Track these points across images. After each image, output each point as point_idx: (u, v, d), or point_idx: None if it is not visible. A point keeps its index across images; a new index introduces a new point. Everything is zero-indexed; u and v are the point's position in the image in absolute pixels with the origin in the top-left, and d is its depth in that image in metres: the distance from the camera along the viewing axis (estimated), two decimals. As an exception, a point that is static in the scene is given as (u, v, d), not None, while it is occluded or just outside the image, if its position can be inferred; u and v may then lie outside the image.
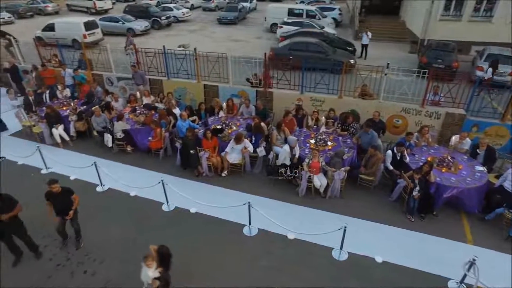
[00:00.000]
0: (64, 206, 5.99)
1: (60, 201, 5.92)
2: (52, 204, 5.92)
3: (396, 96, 9.41)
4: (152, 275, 4.71)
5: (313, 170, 7.30)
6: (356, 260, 6.08)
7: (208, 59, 10.60)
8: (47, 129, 9.60)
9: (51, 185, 5.72)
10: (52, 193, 5.80)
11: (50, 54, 13.15)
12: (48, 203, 5.92)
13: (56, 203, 5.92)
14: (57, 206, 5.94)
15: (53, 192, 5.78)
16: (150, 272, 4.71)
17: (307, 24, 19.72)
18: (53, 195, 5.81)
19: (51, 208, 5.95)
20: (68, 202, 5.99)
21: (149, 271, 4.71)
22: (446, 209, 7.14)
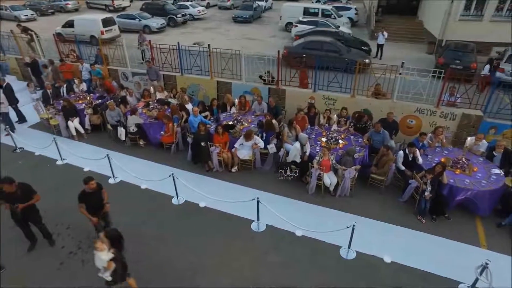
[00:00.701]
0: (98, 203, 5.78)
1: (94, 199, 5.69)
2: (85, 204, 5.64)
3: (410, 96, 9.25)
4: (105, 257, 4.66)
5: (323, 168, 7.25)
6: (364, 259, 6.01)
7: (222, 56, 10.65)
8: (63, 122, 9.83)
9: (89, 182, 5.52)
10: (86, 193, 5.58)
11: (68, 49, 13.49)
12: (81, 206, 5.61)
13: (89, 202, 5.64)
14: (91, 204, 5.66)
15: (87, 192, 5.58)
16: (103, 255, 4.65)
17: (322, 23, 19.62)
18: (87, 194, 5.59)
19: (85, 210, 5.63)
20: (101, 197, 5.81)
21: (101, 254, 4.64)
22: (459, 212, 6.98)
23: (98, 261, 4.73)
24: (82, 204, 5.62)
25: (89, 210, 5.64)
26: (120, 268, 4.83)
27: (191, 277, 5.71)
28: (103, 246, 4.65)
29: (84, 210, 5.62)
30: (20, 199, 5.57)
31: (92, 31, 18.68)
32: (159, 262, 5.97)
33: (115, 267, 4.73)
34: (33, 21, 26.09)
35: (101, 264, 4.74)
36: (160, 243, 6.36)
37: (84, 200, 5.61)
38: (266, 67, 10.57)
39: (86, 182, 5.52)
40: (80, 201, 5.61)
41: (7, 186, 5.42)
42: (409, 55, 16.29)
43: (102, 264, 4.71)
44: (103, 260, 4.67)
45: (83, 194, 5.62)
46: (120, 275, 4.90)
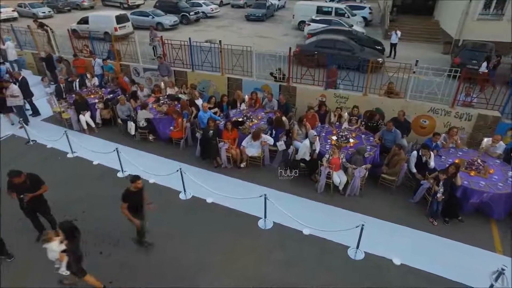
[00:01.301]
0: (140, 203, 5.61)
1: (137, 199, 5.48)
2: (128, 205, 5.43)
3: (424, 96, 9.01)
4: (57, 248, 4.60)
5: (333, 167, 7.12)
6: (373, 260, 5.86)
7: (233, 52, 10.59)
8: (75, 115, 9.94)
9: (136, 181, 5.33)
10: (130, 192, 5.37)
11: (81, 44, 13.66)
12: (124, 206, 5.39)
13: (132, 202, 5.43)
14: (133, 204, 5.46)
15: (131, 191, 5.38)
16: (55, 246, 4.59)
17: (335, 22, 19.39)
18: (131, 193, 5.39)
19: (127, 210, 5.42)
20: (143, 197, 5.65)
21: (53, 245, 4.58)
22: (473, 215, 6.75)
23: (50, 253, 4.67)
24: (125, 203, 5.39)
25: (130, 210, 5.44)
26: (75, 261, 4.76)
27: (195, 274, 5.66)
28: (53, 238, 4.58)
29: (126, 211, 5.41)
30: (29, 189, 5.62)
31: (106, 28, 18.87)
32: (165, 257, 5.95)
33: (69, 260, 4.66)
34: (50, 18, 26.56)
35: (53, 257, 4.67)
36: (166, 238, 6.34)
37: (128, 200, 5.39)
38: (277, 64, 10.47)
39: (132, 181, 5.34)
40: (123, 200, 5.39)
41: (16, 179, 5.48)
42: (424, 55, 15.92)
43: (54, 256, 4.65)
44: (54, 252, 4.61)
45: (128, 193, 5.38)
46: (76, 268, 4.84)
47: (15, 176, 5.46)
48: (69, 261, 4.71)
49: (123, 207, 5.40)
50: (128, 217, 5.46)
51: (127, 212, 5.42)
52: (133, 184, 5.35)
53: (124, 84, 11.33)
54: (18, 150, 9.27)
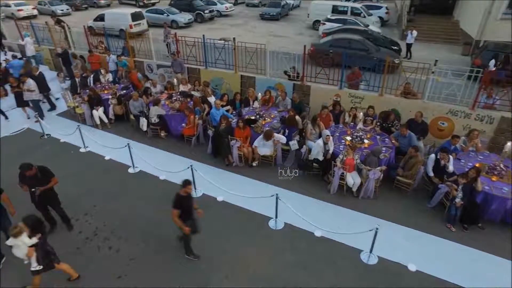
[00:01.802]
0: (190, 209, 5.39)
1: (187, 204, 5.26)
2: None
3: (442, 97, 8.71)
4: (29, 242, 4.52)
5: (347, 167, 6.94)
6: (387, 266, 5.66)
7: (247, 50, 10.48)
8: (88, 110, 10.00)
9: (187, 186, 5.09)
10: (181, 197, 5.13)
11: (97, 41, 13.79)
12: (176, 214, 5.10)
13: (183, 207, 5.17)
14: (184, 210, 5.21)
15: (182, 196, 5.14)
16: (26, 240, 4.51)
17: (350, 22, 19.08)
18: (182, 198, 5.14)
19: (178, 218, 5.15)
20: (192, 202, 5.43)
21: (18, 240, 4.48)
22: (495, 222, 6.44)
23: (16, 250, 4.59)
24: (176, 210, 5.09)
25: (180, 217, 5.18)
26: (44, 255, 4.70)
27: (205, 271, 5.59)
28: (20, 232, 4.49)
29: (178, 219, 5.13)
30: (40, 182, 5.65)
31: (121, 25, 19.04)
32: (175, 255, 5.88)
33: (37, 255, 4.60)
34: (68, 16, 27.00)
35: (21, 253, 4.61)
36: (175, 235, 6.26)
37: (179, 206, 5.11)
38: (291, 63, 10.32)
39: (184, 185, 5.09)
40: (175, 207, 5.09)
41: (28, 172, 5.51)
42: (442, 56, 15.47)
43: (23, 252, 4.58)
44: (22, 247, 4.54)
45: (179, 199, 5.12)
46: (44, 262, 4.77)
47: (26, 169, 5.49)
48: (38, 256, 4.65)
49: (175, 215, 5.10)
50: (179, 224, 5.20)
51: (178, 221, 5.15)
52: (184, 188, 5.10)
53: (136, 81, 11.31)
54: (33, 143, 9.39)
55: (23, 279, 5.29)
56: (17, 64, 12.45)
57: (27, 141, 9.52)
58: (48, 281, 5.27)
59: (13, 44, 16.28)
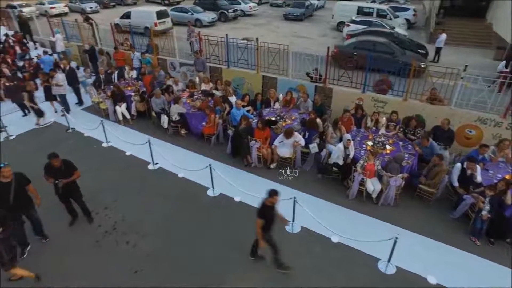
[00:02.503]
0: (274, 219, 5.12)
1: (272, 214, 5.02)
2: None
3: (471, 104, 8.37)
4: None
5: (367, 173, 6.78)
6: (405, 276, 5.49)
7: (270, 51, 10.43)
8: (112, 106, 10.23)
9: (273, 196, 4.82)
10: (267, 207, 4.91)
11: (123, 38, 14.11)
12: (260, 225, 4.89)
13: (268, 218, 4.96)
14: (269, 220, 4.99)
15: (268, 206, 4.91)
16: None
17: (376, 24, 18.70)
18: (268, 208, 4.93)
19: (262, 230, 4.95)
20: (276, 213, 5.14)
21: None
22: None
23: None
24: (261, 220, 4.86)
25: (265, 227, 4.98)
26: (6, 250, 4.69)
27: (220, 270, 5.60)
28: None
29: (260, 229, 4.93)
30: (64, 174, 5.82)
31: (146, 23, 19.39)
32: (190, 253, 5.92)
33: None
34: (96, 13, 27.80)
35: None
36: (192, 232, 6.33)
37: (264, 216, 4.89)
38: (314, 65, 10.19)
39: (270, 195, 4.80)
40: (260, 217, 4.87)
41: (55, 161, 5.67)
42: (473, 61, 14.81)
43: None
44: None
45: (265, 209, 4.88)
46: (6, 259, 4.75)
47: (54, 158, 5.67)
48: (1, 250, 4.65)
49: (259, 225, 4.89)
50: (260, 236, 5.05)
51: (262, 234, 4.97)
52: (270, 198, 4.83)
53: (147, 84, 10.86)
54: (58, 136, 9.71)
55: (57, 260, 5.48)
56: (47, 59, 12.93)
57: (53, 134, 9.85)
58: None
59: (45, 40, 16.91)
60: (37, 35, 17.58)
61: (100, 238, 6.22)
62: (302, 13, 25.26)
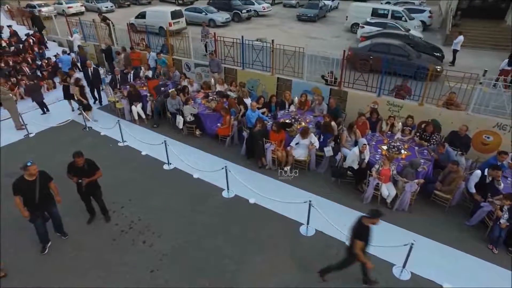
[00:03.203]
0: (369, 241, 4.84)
1: (369, 236, 4.77)
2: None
3: (489, 109, 8.25)
4: None
5: (382, 178, 6.76)
6: (420, 283, 5.47)
7: (285, 53, 10.45)
8: (127, 106, 10.39)
9: (376, 218, 4.57)
10: (367, 228, 4.66)
11: (139, 38, 14.30)
12: (360, 245, 4.64)
13: (366, 239, 4.71)
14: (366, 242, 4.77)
15: (366, 226, 4.64)
16: None
17: (391, 26, 18.52)
18: (367, 230, 4.68)
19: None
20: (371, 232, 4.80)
21: None
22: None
23: None
24: (362, 242, 4.64)
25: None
26: None
27: (235, 272, 5.66)
28: None
29: (360, 251, 4.72)
30: (87, 174, 5.96)
31: (161, 23, 19.60)
32: (205, 254, 6.01)
33: None
34: (111, 12, 28.20)
35: None
36: (207, 234, 6.41)
37: (362, 236, 4.67)
38: (329, 67, 10.17)
39: (373, 216, 4.56)
40: (359, 238, 4.65)
41: (79, 159, 5.83)
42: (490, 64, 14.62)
43: None
44: None
45: (364, 230, 4.66)
46: None
47: (79, 156, 5.82)
48: None
49: (359, 247, 4.65)
50: (361, 258, 4.82)
51: (361, 253, 4.72)
52: (372, 219, 4.57)
53: (151, 89, 10.51)
54: (75, 135, 9.91)
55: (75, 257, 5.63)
56: (66, 59, 13.20)
57: (70, 132, 10.04)
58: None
59: (63, 40, 17.25)
60: (56, 35, 17.93)
61: (117, 236, 6.35)
62: (316, 14, 25.17)
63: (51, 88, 12.87)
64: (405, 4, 25.50)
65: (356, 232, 4.68)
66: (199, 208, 7.06)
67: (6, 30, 17.09)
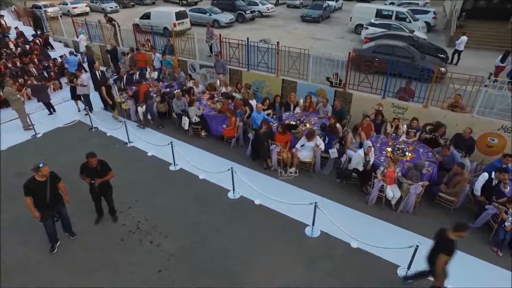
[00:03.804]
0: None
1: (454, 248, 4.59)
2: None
3: (494, 112, 8.28)
4: None
5: (387, 180, 6.81)
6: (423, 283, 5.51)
7: (290, 54, 10.52)
8: (133, 106, 10.48)
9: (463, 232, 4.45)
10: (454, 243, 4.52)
11: (144, 39, 14.41)
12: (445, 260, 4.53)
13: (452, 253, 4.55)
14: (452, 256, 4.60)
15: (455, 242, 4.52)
16: None
17: (395, 27, 18.52)
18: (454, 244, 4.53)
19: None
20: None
21: None
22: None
23: None
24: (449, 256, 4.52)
25: None
26: None
27: (240, 274, 5.73)
28: None
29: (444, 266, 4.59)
30: (99, 174, 6.07)
31: (165, 23, 19.72)
32: (211, 254, 6.08)
33: None
34: (116, 13, 28.36)
35: None
36: (214, 234, 6.49)
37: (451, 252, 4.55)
38: (334, 69, 10.23)
39: (460, 230, 4.45)
40: (446, 253, 4.52)
41: (92, 160, 5.94)
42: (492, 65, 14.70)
43: None
44: None
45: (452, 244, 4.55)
46: None
47: (92, 157, 5.94)
48: None
49: (444, 262, 4.56)
50: (440, 273, 4.70)
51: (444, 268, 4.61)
52: (459, 232, 4.48)
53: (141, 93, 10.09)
54: (82, 135, 10.03)
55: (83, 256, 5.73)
56: (72, 60, 13.32)
57: (77, 133, 10.15)
58: (96, 268, 5.65)
59: (69, 41, 17.40)
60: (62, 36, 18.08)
61: (124, 236, 6.44)
62: (320, 15, 25.19)
63: (57, 89, 13.00)
64: (409, 5, 25.48)
65: (442, 247, 4.62)
66: (205, 209, 7.13)
67: (13, 31, 17.27)
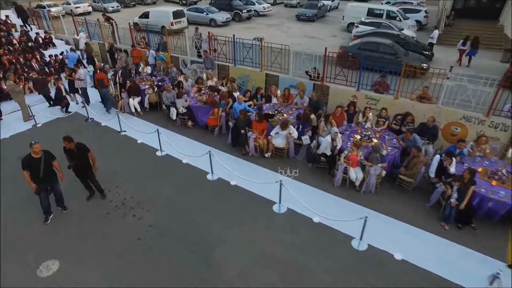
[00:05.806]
0: None
1: None
2: None
3: (457, 102, 8.89)
4: None
5: (350, 163, 7.46)
6: (375, 253, 6.15)
7: (272, 50, 11.20)
8: (127, 99, 11.23)
9: None
10: None
11: (140, 37, 15.19)
12: None
13: None
14: None
15: None
16: None
17: (385, 25, 19.10)
18: None
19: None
20: None
21: None
22: (491, 225, 6.69)
23: None
24: None
25: None
26: None
27: (214, 245, 6.37)
28: None
29: None
30: (77, 155, 6.80)
31: (163, 22, 20.47)
32: (188, 227, 6.77)
33: None
34: (117, 12, 29.23)
35: None
36: (192, 210, 7.19)
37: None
38: (313, 64, 10.88)
39: None
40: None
41: (67, 143, 6.64)
42: (478, 63, 15.26)
43: None
44: None
45: None
46: None
47: (66, 140, 6.63)
48: None
49: None
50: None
51: None
52: None
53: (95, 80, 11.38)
54: (79, 125, 10.79)
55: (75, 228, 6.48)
56: (72, 56, 14.14)
57: (74, 123, 10.93)
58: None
59: (69, 38, 18.24)
60: (63, 34, 18.92)
61: (110, 210, 7.17)
62: (314, 14, 25.81)
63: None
64: (404, 4, 25.99)
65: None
66: (186, 189, 7.84)
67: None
